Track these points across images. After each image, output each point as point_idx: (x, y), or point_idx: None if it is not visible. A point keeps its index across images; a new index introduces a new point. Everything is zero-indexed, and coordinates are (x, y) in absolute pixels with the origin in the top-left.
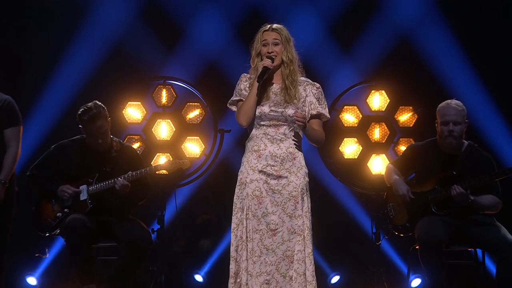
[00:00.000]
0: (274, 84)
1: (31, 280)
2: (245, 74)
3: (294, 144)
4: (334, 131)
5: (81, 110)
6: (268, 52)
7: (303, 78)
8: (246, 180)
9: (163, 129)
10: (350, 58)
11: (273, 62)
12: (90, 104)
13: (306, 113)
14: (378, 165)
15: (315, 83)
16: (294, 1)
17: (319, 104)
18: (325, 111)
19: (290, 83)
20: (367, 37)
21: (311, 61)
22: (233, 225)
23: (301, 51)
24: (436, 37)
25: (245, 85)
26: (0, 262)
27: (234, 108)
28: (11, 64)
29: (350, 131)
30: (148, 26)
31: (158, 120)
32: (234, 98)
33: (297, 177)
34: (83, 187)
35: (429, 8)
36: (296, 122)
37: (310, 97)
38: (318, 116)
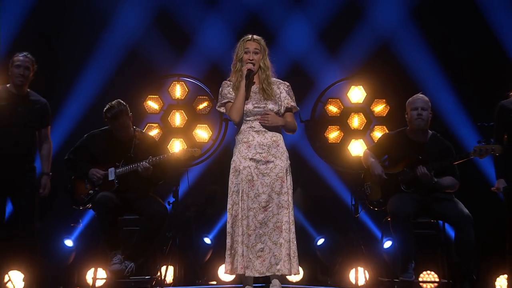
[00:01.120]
0: (255, 88)
1: (69, 242)
2: (225, 81)
3: (277, 133)
4: (320, 120)
5: (106, 108)
6: (249, 59)
7: (274, 79)
8: (239, 168)
9: (177, 118)
10: (335, 58)
11: (253, 65)
12: (113, 102)
13: (282, 107)
14: (357, 148)
15: (285, 82)
16: (287, 10)
17: (290, 98)
18: (295, 104)
19: (266, 85)
20: (350, 40)
21: (303, 61)
22: (228, 206)
23: (294, 52)
24: (409, 43)
25: (228, 89)
26: (34, 230)
27: (222, 109)
28: (49, 66)
29: (333, 120)
30: (162, 32)
31: (173, 110)
32: (222, 101)
33: (281, 160)
34: (111, 170)
35: (405, 19)
36: (264, 123)
37: (283, 93)
38: (290, 109)
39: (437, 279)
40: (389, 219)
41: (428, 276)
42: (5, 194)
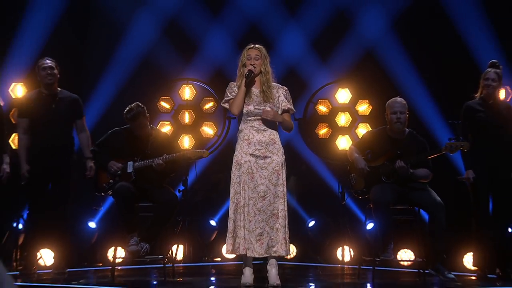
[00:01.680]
0: (254, 89)
1: (92, 224)
2: (232, 82)
3: (274, 131)
4: (311, 118)
5: (126, 110)
6: (250, 64)
7: (274, 84)
8: (241, 162)
9: (186, 117)
10: (325, 64)
11: (255, 69)
12: (133, 105)
13: (279, 109)
14: (343, 143)
15: (284, 86)
16: (283, 21)
17: (287, 102)
18: (292, 106)
19: (266, 88)
20: (338, 49)
21: (297, 66)
22: (231, 195)
23: (289, 58)
24: (389, 51)
25: (233, 89)
26: (68, 213)
27: (226, 105)
28: (76, 70)
29: (323, 118)
30: (172, 41)
31: (183, 110)
32: (226, 98)
33: (277, 155)
34: (130, 163)
35: (386, 30)
36: (267, 117)
37: (281, 97)
38: (288, 110)
39: (413, 257)
40: (371, 206)
41: (405, 255)
42: (47, 181)
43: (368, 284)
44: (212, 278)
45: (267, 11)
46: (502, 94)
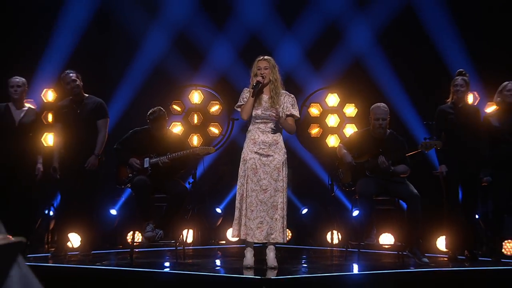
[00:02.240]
0: (264, 95)
1: (113, 212)
2: (246, 88)
3: (277, 134)
4: (305, 120)
5: (149, 112)
6: (260, 73)
7: (283, 91)
8: (246, 158)
9: (195, 118)
10: (317, 72)
11: (263, 79)
12: (156, 108)
13: (284, 114)
14: (332, 141)
15: (291, 94)
16: (280, 32)
17: (292, 108)
18: (296, 112)
19: (274, 94)
20: (329, 58)
21: (293, 73)
22: (237, 186)
23: (285, 68)
24: (373, 61)
25: (246, 94)
26: (94, 203)
27: (239, 109)
28: (101, 75)
29: (315, 120)
30: (181, 52)
31: (192, 112)
32: (239, 103)
33: (279, 155)
34: (146, 159)
35: (371, 43)
36: (273, 117)
37: (287, 103)
38: (291, 115)
39: (393, 241)
40: (357, 197)
41: (386, 239)
42: (76, 176)
43: (354, 265)
44: (217, 260)
45: (266, 24)
46: (470, 98)
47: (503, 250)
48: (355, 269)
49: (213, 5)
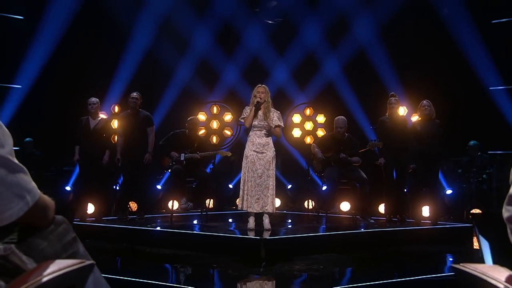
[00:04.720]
0: (260, 112)
1: (158, 187)
2: (247, 106)
3: (269, 137)
4: (289, 125)
5: (189, 118)
6: (259, 97)
7: (272, 109)
8: (247, 154)
9: (214, 124)
10: (301, 90)
11: (261, 99)
12: (192, 117)
13: (273, 125)
14: (308, 140)
15: (278, 110)
16: (275, 59)
17: (278, 120)
18: (281, 123)
19: (267, 111)
20: (309, 81)
21: (282, 92)
22: (241, 173)
23: (279, 85)
24: (342, 85)
25: (246, 111)
26: (148, 183)
27: (242, 121)
28: (150, 94)
29: (296, 125)
30: (202, 77)
31: (212, 120)
32: (242, 116)
33: (270, 152)
34: (182, 154)
35: (341, 70)
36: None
37: (275, 117)
38: (278, 126)
39: (349, 209)
40: (325, 180)
41: (345, 207)
42: (135, 165)
43: (323, 226)
44: (229, 223)
45: (264, 51)
46: (401, 111)
47: (422, 213)
48: (323, 230)
49: (226, 38)
